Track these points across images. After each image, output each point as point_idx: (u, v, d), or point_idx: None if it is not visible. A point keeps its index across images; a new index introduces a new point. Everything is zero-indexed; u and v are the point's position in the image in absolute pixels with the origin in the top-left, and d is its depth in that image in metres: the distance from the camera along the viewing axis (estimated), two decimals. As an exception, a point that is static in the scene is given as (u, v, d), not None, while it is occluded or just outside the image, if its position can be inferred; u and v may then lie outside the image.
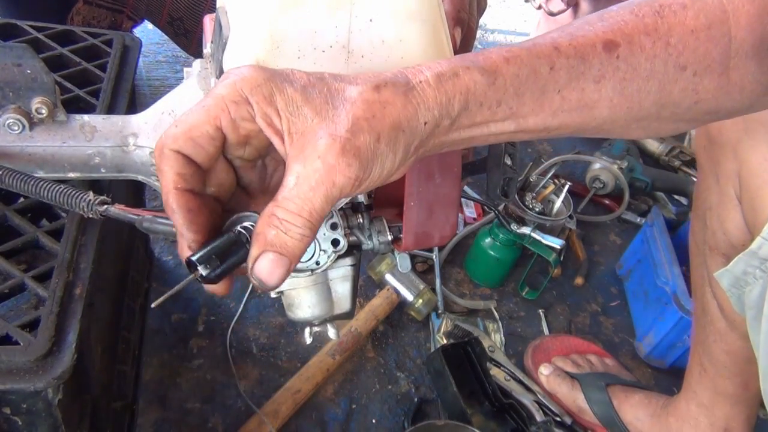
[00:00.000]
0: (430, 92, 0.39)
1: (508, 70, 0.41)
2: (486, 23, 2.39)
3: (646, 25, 0.45)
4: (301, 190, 0.36)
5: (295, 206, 0.36)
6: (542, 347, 1.19)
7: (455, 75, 0.40)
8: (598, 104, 0.45)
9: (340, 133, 0.36)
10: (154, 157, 0.39)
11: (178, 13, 1.40)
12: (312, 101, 0.37)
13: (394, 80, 0.39)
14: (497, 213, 1.23)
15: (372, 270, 1.25)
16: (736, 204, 0.75)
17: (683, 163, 1.70)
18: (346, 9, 0.48)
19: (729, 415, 0.93)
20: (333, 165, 0.36)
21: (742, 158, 0.71)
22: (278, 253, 0.37)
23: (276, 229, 0.37)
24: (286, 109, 0.37)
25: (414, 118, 0.39)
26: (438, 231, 0.58)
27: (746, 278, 0.67)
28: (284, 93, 0.37)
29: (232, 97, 0.37)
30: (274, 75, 0.38)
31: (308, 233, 0.37)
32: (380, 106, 0.38)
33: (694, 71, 0.46)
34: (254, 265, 0.37)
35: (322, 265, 0.60)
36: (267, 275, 0.37)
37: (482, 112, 0.42)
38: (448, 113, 0.40)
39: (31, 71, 0.61)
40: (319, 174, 0.36)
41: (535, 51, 0.43)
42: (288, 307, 0.65)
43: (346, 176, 0.37)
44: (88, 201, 0.52)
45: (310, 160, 0.36)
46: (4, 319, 0.55)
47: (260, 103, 0.37)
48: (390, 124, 0.38)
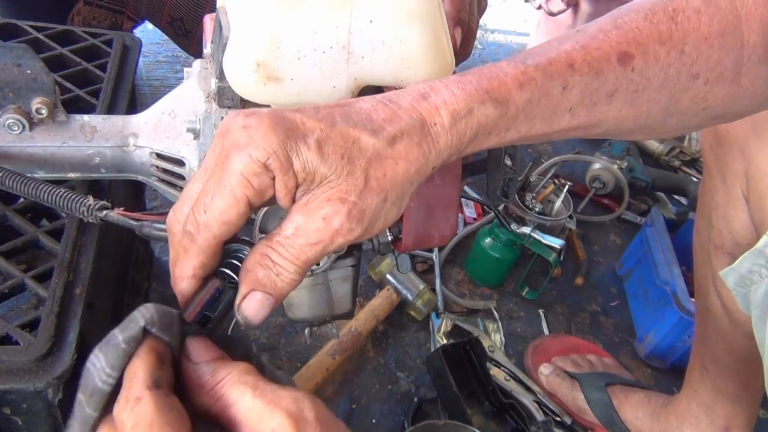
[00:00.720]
0: (443, 137, 0.39)
1: (520, 97, 0.41)
2: (486, 23, 2.39)
3: (661, 32, 0.44)
4: (297, 241, 0.36)
5: (289, 254, 0.37)
6: (542, 347, 1.19)
7: (469, 113, 0.40)
8: (607, 116, 0.45)
9: (348, 197, 0.36)
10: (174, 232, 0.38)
11: (179, 13, 1.40)
12: (327, 159, 0.36)
13: (409, 128, 0.38)
14: (497, 213, 1.23)
15: (372, 270, 1.25)
16: (743, 203, 0.75)
17: (683, 163, 1.70)
18: (346, 10, 0.48)
19: (730, 415, 0.93)
20: (336, 229, 0.36)
21: (750, 157, 0.71)
22: (266, 294, 0.37)
23: (268, 270, 0.37)
24: (302, 171, 0.36)
25: (424, 167, 0.39)
26: (438, 231, 0.58)
27: (752, 277, 0.67)
28: (300, 155, 0.36)
29: (251, 169, 0.35)
30: (286, 135, 0.36)
31: (298, 278, 0.38)
32: (393, 162, 0.38)
33: (706, 79, 0.45)
34: (242, 303, 0.37)
35: (322, 266, 0.60)
36: (253, 314, 0.37)
37: (490, 140, 0.42)
38: (457, 151, 0.41)
39: (31, 71, 0.61)
40: (320, 234, 0.36)
41: (550, 71, 0.42)
42: (288, 308, 0.65)
43: (346, 237, 0.37)
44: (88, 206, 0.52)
45: (313, 217, 0.36)
46: (4, 319, 0.55)
47: (279, 170, 0.36)
48: (400, 182, 0.38)
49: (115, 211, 0.52)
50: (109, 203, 0.52)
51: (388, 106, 0.39)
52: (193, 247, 0.37)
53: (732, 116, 0.51)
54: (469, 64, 0.46)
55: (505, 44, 2.33)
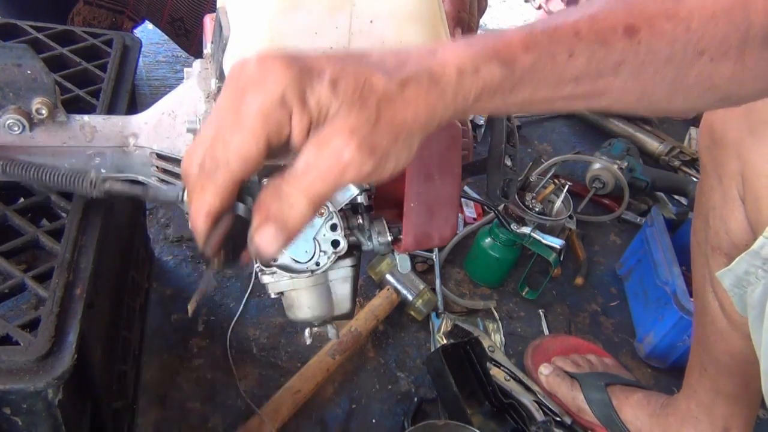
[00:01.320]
0: (450, 90, 0.40)
1: (526, 59, 0.41)
2: (486, 23, 2.39)
3: (667, 9, 0.44)
4: (310, 173, 0.37)
5: (301, 187, 0.37)
6: (542, 347, 1.19)
7: (475, 70, 0.40)
8: (611, 88, 0.45)
9: (360, 131, 0.37)
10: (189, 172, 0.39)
11: (179, 13, 1.40)
12: (339, 95, 0.37)
13: (418, 76, 0.39)
14: (497, 213, 1.23)
15: (372, 270, 1.25)
16: (739, 204, 0.75)
17: (683, 163, 1.70)
18: (346, 10, 0.48)
19: (729, 415, 0.93)
20: (346, 161, 0.37)
21: (746, 158, 0.71)
22: (278, 226, 0.38)
23: (280, 202, 0.38)
24: (316, 107, 0.37)
25: (432, 117, 0.40)
26: (438, 231, 0.58)
27: (748, 278, 0.67)
28: (314, 91, 0.37)
29: (270, 104, 0.36)
30: (301, 71, 0.37)
31: (309, 212, 0.38)
32: (403, 104, 0.38)
33: (711, 57, 0.45)
34: (255, 234, 0.38)
35: (322, 266, 0.60)
36: (265, 245, 0.38)
37: (494, 101, 0.42)
38: (462, 108, 0.41)
39: (31, 71, 0.61)
40: (332, 164, 0.37)
41: (556, 36, 0.42)
42: (288, 308, 0.65)
43: (357, 171, 0.37)
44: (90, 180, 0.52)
45: (324, 149, 0.37)
46: (4, 319, 0.55)
47: (295, 104, 0.37)
48: (409, 124, 0.38)
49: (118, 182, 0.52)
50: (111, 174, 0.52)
51: (397, 56, 0.40)
52: (211, 185, 0.38)
53: (737, 98, 0.50)
54: (469, 65, 0.47)
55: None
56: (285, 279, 0.61)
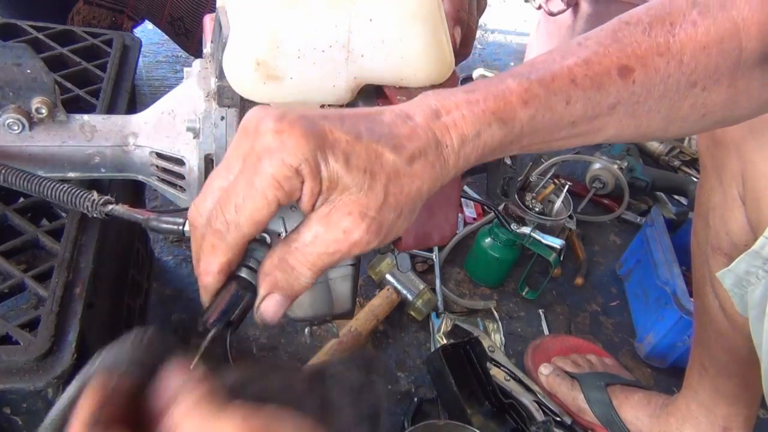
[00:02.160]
0: (452, 158, 0.41)
1: (525, 114, 0.42)
2: (486, 23, 2.39)
3: (659, 45, 0.45)
4: (315, 249, 0.38)
5: (307, 261, 0.39)
6: (542, 347, 1.19)
7: (477, 136, 0.41)
8: (607, 126, 0.46)
9: (369, 212, 0.38)
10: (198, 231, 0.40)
11: (179, 12, 1.40)
12: (351, 172, 0.38)
13: (426, 148, 0.40)
14: (497, 213, 1.23)
15: (372, 270, 1.25)
16: (739, 204, 0.75)
17: (683, 163, 1.70)
18: (345, 8, 0.48)
19: (729, 415, 0.93)
20: (355, 241, 0.38)
21: (746, 158, 0.71)
22: (283, 296, 0.40)
23: (286, 274, 0.39)
24: (328, 180, 0.38)
25: (435, 185, 0.41)
26: (438, 231, 0.58)
27: (749, 278, 0.67)
28: (328, 165, 0.38)
29: (284, 174, 0.37)
30: (316, 144, 0.37)
31: (312, 281, 0.40)
32: (410, 180, 0.40)
33: (704, 86, 0.46)
34: (261, 305, 0.40)
35: (322, 264, 0.60)
36: (271, 314, 0.41)
37: (493, 155, 0.44)
38: (463, 169, 0.42)
39: (31, 71, 0.61)
40: (339, 244, 0.38)
41: (553, 87, 0.43)
42: (288, 307, 0.65)
43: (363, 248, 0.39)
44: (92, 201, 0.52)
45: (333, 228, 0.38)
46: (4, 318, 0.55)
47: (309, 176, 0.37)
48: (413, 198, 0.40)
49: (119, 205, 0.52)
50: (113, 198, 0.52)
51: (407, 123, 0.40)
52: (221, 245, 0.39)
53: (732, 120, 0.51)
54: (469, 64, 0.46)
55: (505, 44, 2.32)
56: (285, 278, 0.61)
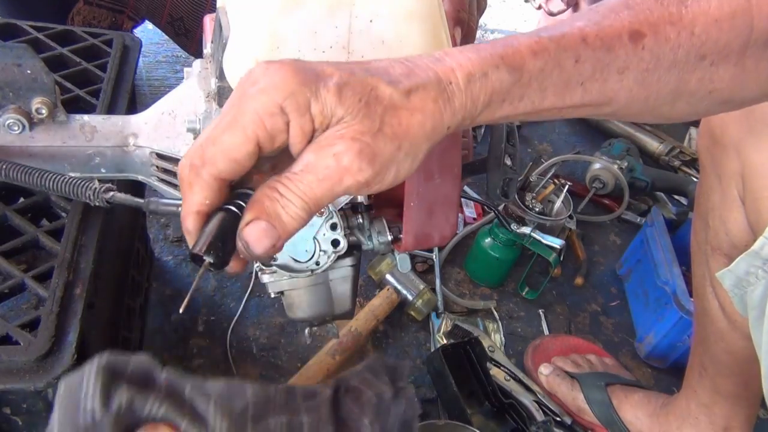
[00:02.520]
0: (458, 96, 0.40)
1: (534, 65, 0.41)
2: (486, 23, 2.39)
3: (671, 14, 0.44)
4: (306, 176, 0.37)
5: (298, 189, 0.37)
6: (542, 347, 1.19)
7: (484, 76, 0.40)
8: (618, 94, 0.45)
9: (362, 137, 0.37)
10: (182, 172, 0.38)
11: (179, 12, 1.40)
12: (345, 102, 0.37)
13: (425, 83, 0.39)
14: (497, 213, 1.23)
15: (372, 270, 1.25)
16: (738, 204, 0.75)
17: (683, 163, 1.70)
18: (346, 9, 0.48)
19: (729, 415, 0.93)
20: (345, 167, 0.36)
21: (745, 159, 0.71)
22: (270, 224, 0.37)
23: (274, 201, 0.37)
24: (320, 114, 0.37)
25: (439, 125, 0.39)
26: (438, 231, 0.58)
27: (748, 278, 0.67)
28: (319, 98, 0.37)
29: (267, 109, 0.36)
30: (306, 78, 0.37)
31: (304, 215, 0.37)
32: (408, 113, 0.38)
33: (712, 60, 0.46)
34: (245, 228, 0.37)
35: (322, 265, 0.60)
36: (254, 240, 0.37)
37: (503, 108, 0.42)
38: (470, 114, 0.41)
39: (31, 71, 0.61)
40: (329, 170, 0.36)
41: (563, 43, 0.42)
42: (288, 307, 0.65)
43: (355, 179, 0.37)
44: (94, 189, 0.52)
45: (324, 154, 0.37)
46: (4, 319, 0.55)
47: (295, 112, 0.36)
48: (414, 133, 0.38)
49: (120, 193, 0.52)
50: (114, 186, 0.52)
51: (404, 64, 0.40)
52: (197, 181, 0.37)
53: (739, 101, 0.51)
54: (469, 64, 0.47)
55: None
56: (285, 278, 0.61)
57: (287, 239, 0.38)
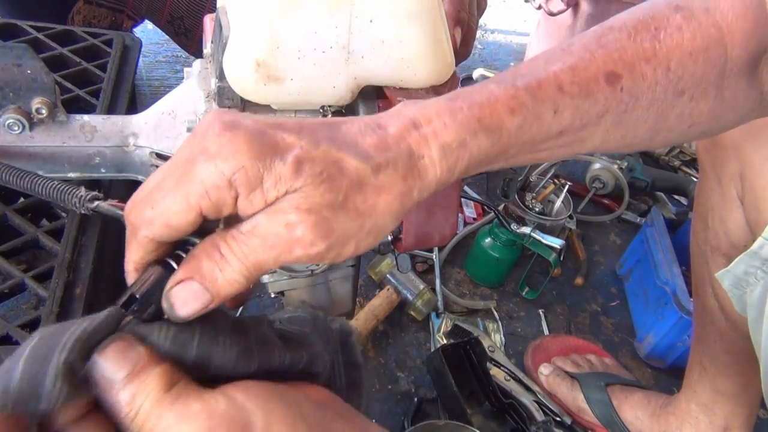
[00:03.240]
0: (431, 170, 0.37)
1: (512, 123, 0.40)
2: (486, 23, 2.39)
3: (645, 50, 0.43)
4: (252, 240, 0.33)
5: (240, 251, 0.33)
6: (542, 347, 1.19)
7: (462, 145, 0.38)
8: (594, 136, 0.44)
9: (321, 211, 0.34)
10: (127, 225, 0.36)
11: (179, 12, 1.40)
12: (302, 175, 0.34)
13: (395, 159, 0.36)
14: (497, 213, 1.23)
15: (372, 270, 1.25)
16: (738, 205, 0.75)
17: (683, 163, 1.70)
18: (346, 10, 0.48)
19: (729, 415, 0.93)
20: (297, 238, 0.33)
21: (745, 159, 0.71)
22: (203, 286, 0.33)
23: (212, 261, 0.34)
24: (273, 189, 0.33)
25: (408, 202, 0.37)
26: (438, 231, 0.58)
27: (747, 279, 0.67)
28: (272, 172, 0.33)
29: (213, 181, 0.33)
30: (261, 151, 0.33)
31: (241, 281, 0.34)
32: (375, 192, 0.36)
33: (691, 96, 0.45)
34: (173, 288, 0.34)
35: (322, 265, 0.60)
36: (181, 303, 0.33)
37: (479, 168, 0.41)
38: (446, 182, 0.39)
39: (31, 71, 0.61)
40: (279, 239, 0.33)
41: (540, 96, 0.41)
42: (288, 307, 0.65)
43: (306, 252, 0.34)
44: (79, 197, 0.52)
45: (276, 220, 0.33)
46: (4, 319, 0.55)
47: (244, 187, 0.33)
48: (380, 212, 0.36)
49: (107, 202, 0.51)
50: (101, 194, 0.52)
51: (376, 132, 0.37)
52: (132, 241, 0.35)
53: (717, 130, 0.51)
54: (469, 64, 0.46)
55: (505, 44, 2.32)
56: (285, 278, 0.61)
57: (219, 303, 0.34)
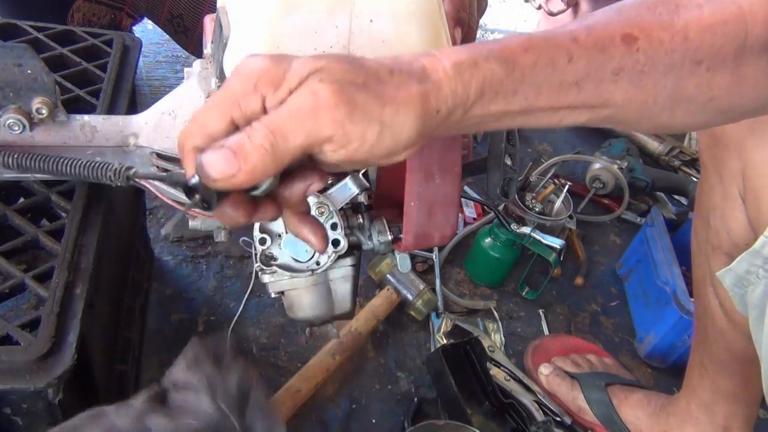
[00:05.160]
0: (446, 82, 0.39)
1: (526, 60, 0.41)
2: (486, 23, 2.39)
3: (663, 21, 0.45)
4: (280, 110, 0.36)
5: (269, 121, 0.36)
6: (542, 347, 1.19)
7: (474, 65, 0.40)
8: (614, 96, 0.45)
9: (340, 81, 0.36)
10: (179, 151, 0.40)
11: (178, 10, 1.40)
12: (323, 59, 0.37)
13: (410, 68, 0.39)
14: (497, 213, 1.23)
15: (372, 270, 1.25)
16: (739, 203, 0.75)
17: (683, 163, 1.70)
18: (346, 9, 0.48)
19: (729, 414, 0.93)
20: (320, 100, 0.35)
21: (747, 158, 0.71)
22: (232, 152, 0.36)
23: (243, 133, 0.36)
24: (296, 76, 0.37)
25: (428, 105, 0.39)
26: (438, 231, 0.58)
27: (749, 278, 0.67)
28: (293, 66, 0.37)
29: (241, 88, 0.37)
30: (281, 57, 0.38)
31: (269, 148, 0.35)
32: (393, 87, 0.38)
33: (708, 66, 0.46)
34: (206, 153, 0.37)
35: (323, 265, 0.60)
36: (209, 162, 0.36)
37: (497, 102, 0.42)
38: (462, 103, 0.40)
39: (32, 71, 0.61)
40: (303, 105, 0.36)
41: (554, 41, 0.42)
42: (289, 308, 0.65)
43: (331, 116, 0.35)
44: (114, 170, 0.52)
45: (300, 92, 0.36)
46: (4, 319, 0.55)
47: (269, 87, 0.37)
48: (401, 102, 0.38)
49: None
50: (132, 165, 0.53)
51: (389, 58, 0.40)
52: (183, 155, 0.39)
53: (738, 111, 0.51)
54: (470, 64, 0.47)
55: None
56: (285, 278, 0.61)
57: (250, 175, 0.36)
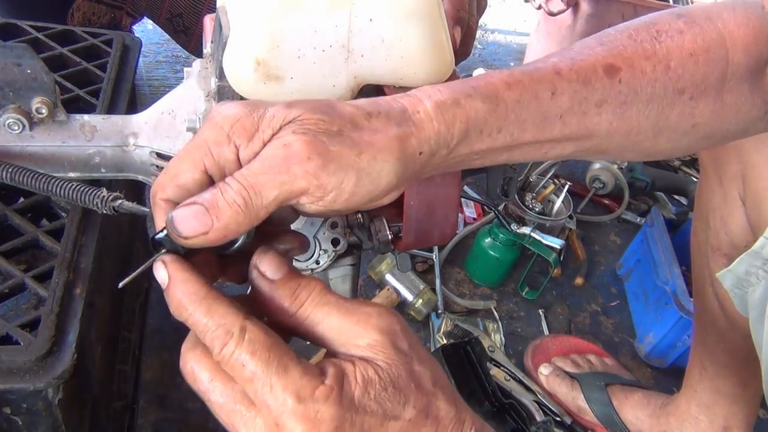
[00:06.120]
0: (427, 123, 0.38)
1: (509, 96, 0.41)
2: (486, 23, 2.39)
3: (645, 49, 0.45)
4: (253, 166, 0.35)
5: (241, 175, 0.35)
6: (542, 347, 1.19)
7: (456, 104, 0.39)
8: (598, 127, 0.45)
9: (314, 132, 0.35)
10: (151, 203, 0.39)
11: (178, 9, 1.40)
12: (296, 108, 0.36)
13: (388, 110, 0.38)
14: (497, 213, 1.23)
15: (372, 270, 1.25)
16: (739, 205, 0.75)
17: (683, 163, 1.70)
18: (345, 9, 0.48)
19: (729, 414, 0.93)
20: (293, 152, 0.35)
21: (746, 159, 0.71)
22: (204, 209, 0.35)
23: (216, 189, 0.35)
24: (268, 127, 0.36)
25: (408, 146, 0.38)
26: (438, 230, 0.58)
27: (749, 278, 0.67)
28: (266, 114, 0.36)
29: (214, 137, 0.36)
30: (255, 105, 0.36)
31: (242, 204, 0.35)
32: (370, 132, 0.37)
33: (691, 95, 0.46)
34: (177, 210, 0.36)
35: (322, 264, 0.60)
36: (180, 218, 0.35)
37: (482, 140, 0.41)
38: (446, 143, 0.39)
39: (31, 71, 0.61)
40: (276, 158, 0.35)
41: (537, 76, 0.42)
42: (288, 307, 0.65)
43: (304, 168, 0.34)
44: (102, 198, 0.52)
45: (273, 145, 0.35)
46: (4, 319, 0.55)
47: (242, 137, 0.36)
48: (379, 147, 0.37)
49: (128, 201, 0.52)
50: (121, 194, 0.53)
51: (367, 100, 0.39)
52: (154, 205, 0.38)
53: (721, 136, 0.51)
54: (469, 64, 0.46)
55: (505, 44, 2.32)
56: (285, 278, 0.61)
57: (223, 232, 0.35)
